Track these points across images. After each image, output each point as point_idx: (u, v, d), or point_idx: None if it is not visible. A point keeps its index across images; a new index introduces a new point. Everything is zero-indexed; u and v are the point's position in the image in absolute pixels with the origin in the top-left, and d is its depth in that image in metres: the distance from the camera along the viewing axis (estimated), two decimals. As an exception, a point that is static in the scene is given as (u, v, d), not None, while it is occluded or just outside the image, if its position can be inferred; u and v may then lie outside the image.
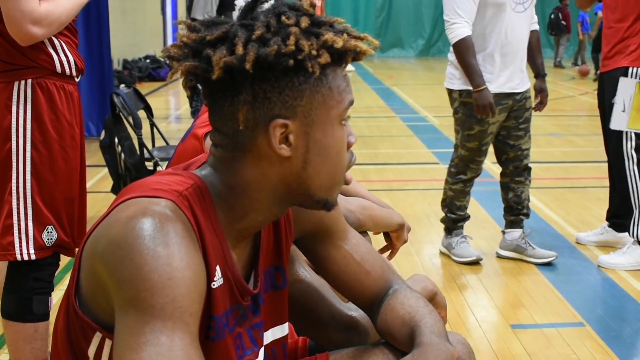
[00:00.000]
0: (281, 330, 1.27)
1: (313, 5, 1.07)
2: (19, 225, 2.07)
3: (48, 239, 2.10)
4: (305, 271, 1.39)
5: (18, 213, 2.07)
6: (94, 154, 5.49)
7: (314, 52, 1.01)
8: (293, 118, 1.04)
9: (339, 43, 1.02)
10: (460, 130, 3.69)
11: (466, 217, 3.91)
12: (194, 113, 8.18)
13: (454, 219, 3.86)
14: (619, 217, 3.95)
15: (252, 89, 1.02)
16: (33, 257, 2.08)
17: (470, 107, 3.52)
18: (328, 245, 1.29)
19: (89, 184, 5.41)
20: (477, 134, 3.62)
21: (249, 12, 1.06)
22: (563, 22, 16.28)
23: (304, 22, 1.03)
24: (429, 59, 20.76)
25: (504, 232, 3.91)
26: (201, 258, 1.01)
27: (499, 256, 3.89)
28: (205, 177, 1.09)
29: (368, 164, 6.17)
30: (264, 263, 1.21)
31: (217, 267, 1.07)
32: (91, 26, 7.08)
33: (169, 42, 18.68)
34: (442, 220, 3.93)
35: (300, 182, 1.08)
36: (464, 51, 3.43)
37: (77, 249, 2.15)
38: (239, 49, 1.00)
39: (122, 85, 10.25)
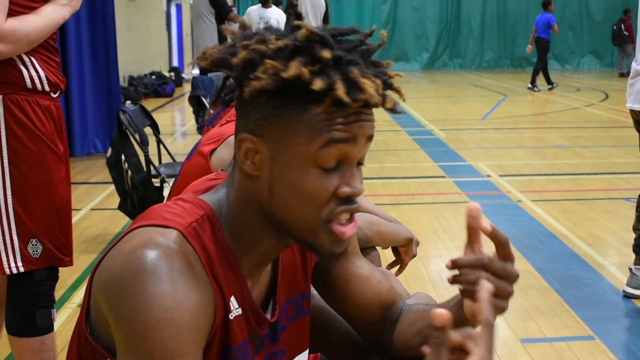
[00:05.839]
0: (304, 357, 1.25)
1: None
2: (4, 239, 2.09)
3: (33, 252, 2.12)
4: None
5: (2, 228, 2.09)
6: (100, 171, 5.52)
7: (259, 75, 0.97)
8: (261, 137, 1.01)
9: (287, 72, 0.95)
10: None
11: None
12: (200, 129, 8.20)
13: None
14: None
15: (242, 102, 1.03)
16: (22, 269, 2.11)
17: None
18: (336, 261, 1.26)
19: (95, 202, 5.41)
20: None
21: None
22: (625, 33, 17.35)
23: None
24: (434, 72, 20.80)
25: (631, 270, 3.51)
26: (206, 292, 0.99)
27: (631, 296, 3.48)
28: (215, 202, 1.08)
29: (374, 178, 6.17)
30: (289, 290, 1.18)
31: (232, 298, 1.05)
32: (98, 44, 7.12)
33: (174, 58, 18.78)
34: None
35: (273, 213, 1.04)
36: None
37: (69, 259, 2.21)
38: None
39: (129, 102, 10.29)
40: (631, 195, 5.11)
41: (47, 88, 2.13)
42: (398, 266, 2.02)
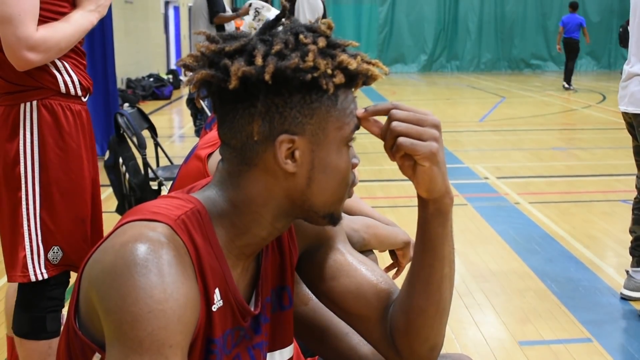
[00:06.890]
0: (288, 352, 1.26)
1: (331, 28, 1.09)
2: (31, 246, 2.09)
3: (53, 258, 2.12)
4: None
5: (29, 235, 2.09)
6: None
7: (329, 72, 1.03)
8: (301, 135, 1.05)
9: (353, 65, 1.05)
10: None
11: None
12: (198, 132, 8.20)
13: None
14: None
15: (265, 102, 1.03)
16: (45, 276, 2.11)
17: None
18: (328, 250, 1.26)
19: (93, 204, 5.40)
20: None
21: (269, 29, 1.08)
22: None
23: (321, 42, 1.05)
24: (432, 74, 20.81)
25: (628, 272, 3.50)
26: (193, 285, 1.01)
27: (628, 298, 3.47)
28: (206, 198, 1.10)
29: (372, 180, 6.17)
30: (269, 283, 1.20)
31: (217, 290, 1.07)
32: (95, 46, 7.11)
33: (172, 60, 18.77)
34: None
35: (304, 199, 1.09)
36: None
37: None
38: (258, 61, 1.02)
39: (126, 105, 10.29)
40: (628, 197, 5.12)
41: (79, 92, 2.14)
42: (395, 269, 2.03)
